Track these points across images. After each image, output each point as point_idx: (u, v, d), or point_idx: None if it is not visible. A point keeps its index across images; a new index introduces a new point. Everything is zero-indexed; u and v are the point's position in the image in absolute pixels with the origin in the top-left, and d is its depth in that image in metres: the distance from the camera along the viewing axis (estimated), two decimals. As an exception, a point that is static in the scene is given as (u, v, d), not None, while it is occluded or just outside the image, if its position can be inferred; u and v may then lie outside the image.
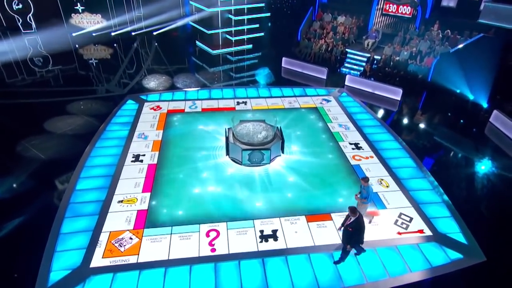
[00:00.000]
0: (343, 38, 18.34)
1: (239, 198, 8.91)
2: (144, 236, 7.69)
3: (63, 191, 8.88)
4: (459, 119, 13.63)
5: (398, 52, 16.62)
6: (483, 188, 9.89)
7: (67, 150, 10.67)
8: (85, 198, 8.68)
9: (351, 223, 6.69)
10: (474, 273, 7.11)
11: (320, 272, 7.05)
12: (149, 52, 19.40)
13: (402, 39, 17.40)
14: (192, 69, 17.44)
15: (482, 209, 9.08)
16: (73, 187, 8.99)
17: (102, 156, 10.25)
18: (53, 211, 8.24)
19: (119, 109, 12.91)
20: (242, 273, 6.96)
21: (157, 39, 21.20)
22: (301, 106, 13.67)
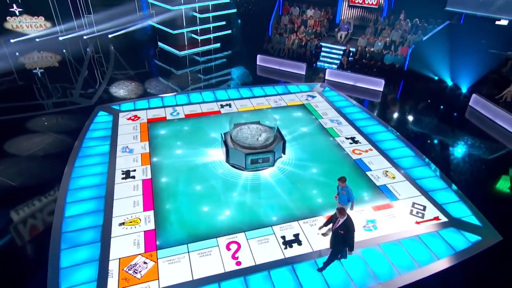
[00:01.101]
0: (315, 31, 18.97)
1: (250, 205, 8.92)
2: (159, 258, 7.43)
3: (49, 221, 8.29)
4: (441, 105, 14.72)
5: (373, 43, 17.56)
6: (478, 169, 10.80)
7: (42, 174, 9.96)
8: (79, 225, 8.18)
9: (340, 225, 6.56)
10: (494, 253, 7.76)
11: (352, 271, 7.29)
12: (102, 57, 18.56)
13: (374, 29, 18.39)
14: (159, 74, 17.01)
15: (484, 189, 9.91)
16: (61, 214, 8.43)
17: (87, 176, 9.71)
18: (44, 245, 7.66)
19: (91, 123, 12.29)
20: (274, 283, 6.99)
21: (113, 43, 20.38)
22: (288, 104, 13.95)
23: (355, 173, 10.13)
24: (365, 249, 7.78)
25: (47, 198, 9.10)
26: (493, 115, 13.36)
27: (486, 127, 13.08)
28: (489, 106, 13.55)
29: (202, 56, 19.49)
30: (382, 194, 9.38)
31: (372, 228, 8.33)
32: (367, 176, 10.04)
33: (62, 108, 13.39)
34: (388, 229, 8.31)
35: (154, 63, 18.60)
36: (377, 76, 15.65)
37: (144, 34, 21.96)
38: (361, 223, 8.43)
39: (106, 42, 20.52)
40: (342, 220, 6.52)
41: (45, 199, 9.07)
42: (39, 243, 7.81)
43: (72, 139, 11.37)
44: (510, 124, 12.77)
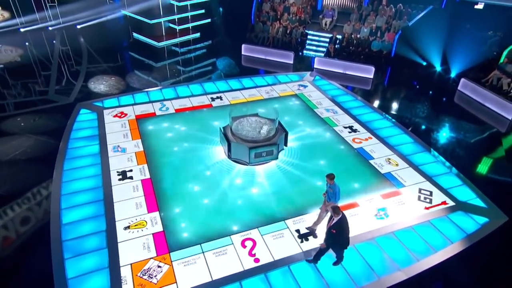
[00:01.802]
0: (299, 19, 19.10)
1: (257, 200, 8.99)
2: (173, 260, 7.37)
3: (45, 230, 7.97)
4: (431, 91, 15.32)
5: (358, 30, 17.93)
6: (473, 151, 11.41)
7: (28, 179, 9.54)
8: (80, 232, 7.94)
9: (334, 224, 6.55)
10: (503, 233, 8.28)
11: (371, 259, 7.55)
12: (71, 50, 17.82)
13: (358, 16, 18.77)
14: (138, 67, 16.58)
15: (482, 171, 10.49)
16: (58, 222, 8.14)
17: (79, 180, 9.40)
18: (45, 256, 7.38)
19: (74, 121, 11.86)
20: (297, 278, 7.12)
21: (82, 35, 19.60)
22: (280, 94, 14.05)
23: (359, 162, 10.41)
24: (380, 237, 8.06)
25: (38, 205, 8.76)
26: (482, 99, 14.07)
27: (476, 110, 13.78)
28: (478, 89, 14.25)
29: (181, 47, 19.16)
30: (388, 182, 9.72)
31: (383, 216, 8.64)
32: (371, 164, 10.34)
33: (37, 107, 12.79)
34: (399, 216, 8.64)
35: (130, 56, 18.08)
36: (366, 63, 16.01)
37: (115, 24, 21.27)
38: (372, 212, 8.72)
39: (74, 34, 19.69)
40: (336, 219, 6.50)
41: (36, 207, 8.73)
42: (39, 254, 7.51)
43: (55, 140, 10.92)
44: (498, 106, 13.51)
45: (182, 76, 15.82)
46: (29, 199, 8.88)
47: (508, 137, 12.39)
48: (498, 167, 10.85)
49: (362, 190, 9.40)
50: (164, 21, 19.16)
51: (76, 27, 20.23)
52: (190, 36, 19.82)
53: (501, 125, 13.00)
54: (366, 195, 9.26)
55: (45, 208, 8.56)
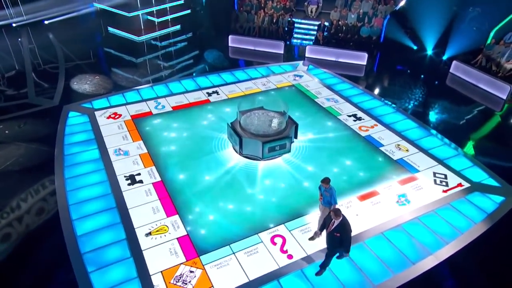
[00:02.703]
0: (284, 7, 19.19)
1: (278, 195, 9.08)
2: (205, 264, 7.35)
3: (60, 244, 7.70)
4: (424, 75, 15.91)
5: (346, 16, 18.26)
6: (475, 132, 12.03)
7: (27, 191, 9.14)
8: (98, 243, 7.73)
9: (336, 227, 6.55)
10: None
11: (402, 246, 7.84)
12: (41, 48, 17.08)
13: (344, 1, 19.10)
14: (119, 63, 16.14)
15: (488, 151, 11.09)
16: (73, 234, 7.88)
17: (85, 188, 9.12)
18: (66, 272, 7.15)
19: (65, 126, 11.43)
20: (333, 270, 7.30)
21: (51, 31, 18.77)
22: (277, 86, 14.14)
23: (370, 150, 10.71)
24: (407, 224, 8.39)
25: (45, 218, 8.42)
26: (475, 80, 14.78)
27: (470, 92, 14.49)
28: (470, 71, 14.95)
29: (161, 40, 18.80)
30: (402, 168, 10.07)
31: (405, 202, 8.97)
32: (382, 151, 10.67)
33: (19, 112, 12.20)
34: (420, 201, 9.00)
35: (108, 52, 17.46)
36: (359, 50, 16.36)
37: (86, 18, 20.52)
38: (393, 199, 9.03)
39: (42, 31, 18.80)
40: (338, 222, 6.49)
41: (43, 220, 8.40)
42: (59, 269, 7.27)
43: (48, 147, 10.52)
44: (492, 87, 14.25)
45: (169, 71, 15.51)
46: (33, 212, 8.53)
47: (504, 116, 13.13)
48: (500, 145, 11.51)
49: (379, 178, 9.70)
50: (142, 14, 18.68)
51: (44, 22, 19.33)
52: (170, 28, 19.46)
53: (496, 105, 13.72)
54: (384, 182, 9.56)
55: (54, 221, 8.23)
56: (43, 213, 8.52)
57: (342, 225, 6.51)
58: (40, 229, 8.18)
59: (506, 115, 13.28)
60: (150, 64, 16.37)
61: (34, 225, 8.27)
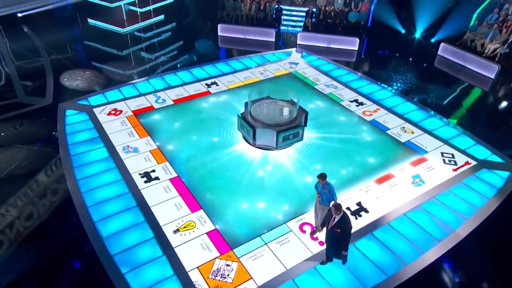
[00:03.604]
0: (270, -7, 19.06)
1: (297, 182, 9.20)
2: (240, 257, 7.39)
3: (87, 248, 7.51)
4: (414, 58, 16.37)
5: (332, 2, 18.39)
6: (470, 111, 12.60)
7: (39, 196, 8.82)
8: (126, 243, 7.60)
9: (337, 223, 6.37)
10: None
11: (425, 225, 8.17)
12: (10, 42, 16.27)
13: (329, -13, 19.18)
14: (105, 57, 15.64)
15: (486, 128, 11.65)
16: (99, 237, 7.70)
17: (101, 188, 8.89)
18: (99, 275, 7.02)
19: (64, 125, 11.02)
20: (365, 253, 7.53)
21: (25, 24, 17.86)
22: (275, 74, 14.16)
23: (377, 133, 11.00)
24: (426, 203, 8.73)
25: (66, 221, 8.16)
26: (463, 61, 15.38)
27: (460, 73, 15.07)
28: (458, 52, 15.52)
29: (145, 32, 18.30)
30: (411, 150, 10.42)
31: (420, 183, 9.31)
32: (389, 135, 10.97)
33: (12, 113, 11.63)
34: (434, 181, 9.37)
35: (92, 46, 16.79)
36: (350, 35, 16.58)
37: (62, 10, 19.63)
38: (408, 180, 9.36)
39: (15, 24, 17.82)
40: (338, 218, 6.33)
41: (65, 223, 8.14)
42: (93, 274, 7.11)
43: (51, 148, 10.16)
44: (479, 67, 14.88)
45: (161, 63, 15.17)
46: (51, 216, 8.25)
47: (495, 95, 13.79)
48: (496, 123, 12.13)
49: (391, 161, 10.00)
50: (124, 4, 18.08)
51: (17, 15, 18.33)
52: (154, 19, 18.95)
53: (484, 84, 14.35)
54: (397, 165, 9.87)
55: (75, 224, 7.99)
56: (62, 218, 8.24)
57: (343, 220, 6.34)
58: (63, 233, 7.93)
59: (497, 94, 13.92)
60: (139, 57, 15.93)
61: (55, 230, 7.99)
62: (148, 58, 15.78)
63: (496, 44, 15.41)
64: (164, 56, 15.89)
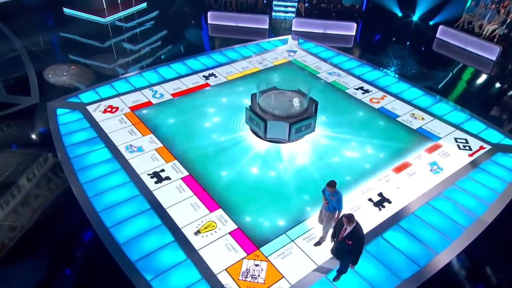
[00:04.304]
0: (259, -23, 18.96)
1: (314, 175, 9.33)
2: (268, 256, 7.46)
3: (106, 255, 7.40)
4: (413, 42, 16.71)
5: (325, -15, 18.48)
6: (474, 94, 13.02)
7: (41, 202, 8.60)
8: (147, 249, 7.51)
9: (348, 234, 6.19)
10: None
11: (450, 213, 8.44)
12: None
13: (320, -31, 19.24)
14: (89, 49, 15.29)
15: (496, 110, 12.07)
16: (116, 243, 7.59)
17: (109, 191, 8.75)
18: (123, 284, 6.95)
19: (58, 125, 10.74)
20: (394, 244, 7.73)
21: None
22: (274, 63, 14.17)
23: (388, 121, 11.22)
24: (447, 191, 9.01)
25: (76, 229, 8.00)
26: (463, 43, 15.80)
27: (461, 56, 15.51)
28: (458, 35, 15.93)
29: (126, 21, 17.92)
30: (424, 137, 10.70)
31: (438, 170, 9.59)
32: (400, 122, 11.22)
33: (-4, 115, 11.22)
34: (451, 167, 9.67)
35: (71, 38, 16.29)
36: (346, 20, 16.73)
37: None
38: (426, 168, 9.62)
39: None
40: (350, 229, 6.16)
41: (76, 232, 7.98)
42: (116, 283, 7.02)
43: (47, 151, 9.90)
44: (480, 49, 15.34)
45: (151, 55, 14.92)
46: (60, 225, 8.07)
47: (498, 77, 14.28)
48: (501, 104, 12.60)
49: (406, 149, 10.24)
50: (105, -9, 17.65)
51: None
52: (137, 7, 18.58)
53: (486, 67, 14.83)
54: (412, 153, 10.12)
55: (87, 232, 7.85)
56: (72, 225, 8.06)
57: (355, 232, 6.16)
58: (76, 242, 7.77)
59: (500, 76, 14.42)
60: (125, 49, 15.60)
61: (68, 239, 7.82)
62: (135, 50, 15.47)
63: (495, 25, 15.89)
64: (152, 48, 15.63)
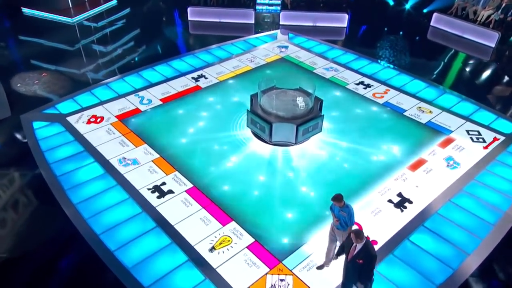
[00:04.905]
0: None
1: (328, 178, 9.41)
2: (292, 269, 7.42)
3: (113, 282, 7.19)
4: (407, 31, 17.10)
5: (311, -25, 18.67)
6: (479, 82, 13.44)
7: (32, 228, 8.27)
8: (159, 272, 7.30)
9: (359, 252, 5.96)
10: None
11: (474, 210, 8.62)
12: None
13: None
14: (57, 53, 14.91)
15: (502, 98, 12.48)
16: (124, 268, 7.36)
17: (107, 211, 8.48)
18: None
19: (37, 140, 10.37)
20: (422, 247, 7.84)
21: None
22: (266, 61, 14.18)
23: (395, 117, 11.43)
24: (468, 186, 9.22)
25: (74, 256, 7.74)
26: (459, 31, 16.29)
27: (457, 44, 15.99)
28: (453, 22, 16.42)
29: (95, 21, 17.57)
30: (435, 131, 10.94)
31: (455, 165, 9.82)
32: (408, 117, 11.43)
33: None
34: (468, 162, 9.91)
35: (34, 41, 15.78)
36: (335, 11, 16.95)
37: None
38: (442, 164, 9.83)
39: None
40: (360, 246, 5.92)
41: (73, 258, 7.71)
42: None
43: (28, 170, 9.55)
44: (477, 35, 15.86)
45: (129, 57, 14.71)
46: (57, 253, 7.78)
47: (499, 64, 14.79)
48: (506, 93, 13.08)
49: (418, 144, 10.44)
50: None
51: None
52: (106, 4, 18.23)
53: (486, 54, 15.37)
54: (425, 148, 10.32)
55: (89, 259, 7.59)
56: (72, 252, 7.78)
57: (366, 249, 5.93)
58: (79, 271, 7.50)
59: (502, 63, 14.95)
60: (100, 51, 15.24)
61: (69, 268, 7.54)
62: (110, 52, 15.17)
63: (489, 10, 16.44)
64: (129, 49, 15.39)
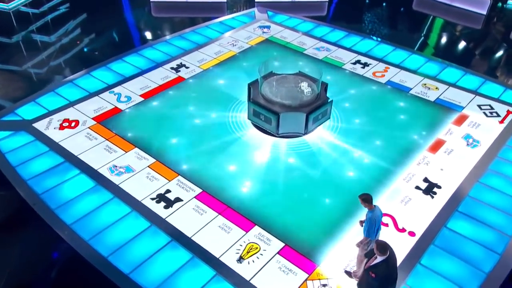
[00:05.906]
0: None
1: (347, 169, 9.68)
2: (332, 272, 7.63)
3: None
4: (394, 2, 17.69)
5: None
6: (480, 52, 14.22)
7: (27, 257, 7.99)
8: None
9: (375, 265, 5.86)
10: None
11: (507, 189, 9.18)
12: None
13: None
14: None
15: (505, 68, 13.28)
16: None
17: (109, 229, 8.27)
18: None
19: (3, 154, 9.90)
20: (462, 233, 8.28)
21: None
22: (249, 43, 14.22)
23: (402, 96, 11.87)
24: (493, 164, 9.79)
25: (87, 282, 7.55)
26: (448, 0, 17.11)
27: (448, 13, 16.75)
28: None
29: (34, 7, 16.91)
30: (446, 108, 11.49)
31: (475, 143, 10.38)
32: (415, 95, 11.91)
33: None
34: (487, 138, 10.50)
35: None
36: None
37: None
38: (462, 143, 10.37)
39: None
40: (380, 259, 5.78)
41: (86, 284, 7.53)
42: None
43: (2, 190, 9.13)
44: (466, 3, 16.71)
45: (89, 47, 14.29)
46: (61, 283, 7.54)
47: (495, 32, 15.67)
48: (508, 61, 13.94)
49: (433, 124, 10.93)
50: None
51: None
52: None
53: (477, 22, 16.22)
54: (441, 128, 10.82)
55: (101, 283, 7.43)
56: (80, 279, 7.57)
57: (384, 265, 5.78)
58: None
59: (494, 31, 15.84)
60: (46, 43, 14.69)
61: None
62: (61, 43, 14.65)
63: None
64: (84, 38, 14.97)
